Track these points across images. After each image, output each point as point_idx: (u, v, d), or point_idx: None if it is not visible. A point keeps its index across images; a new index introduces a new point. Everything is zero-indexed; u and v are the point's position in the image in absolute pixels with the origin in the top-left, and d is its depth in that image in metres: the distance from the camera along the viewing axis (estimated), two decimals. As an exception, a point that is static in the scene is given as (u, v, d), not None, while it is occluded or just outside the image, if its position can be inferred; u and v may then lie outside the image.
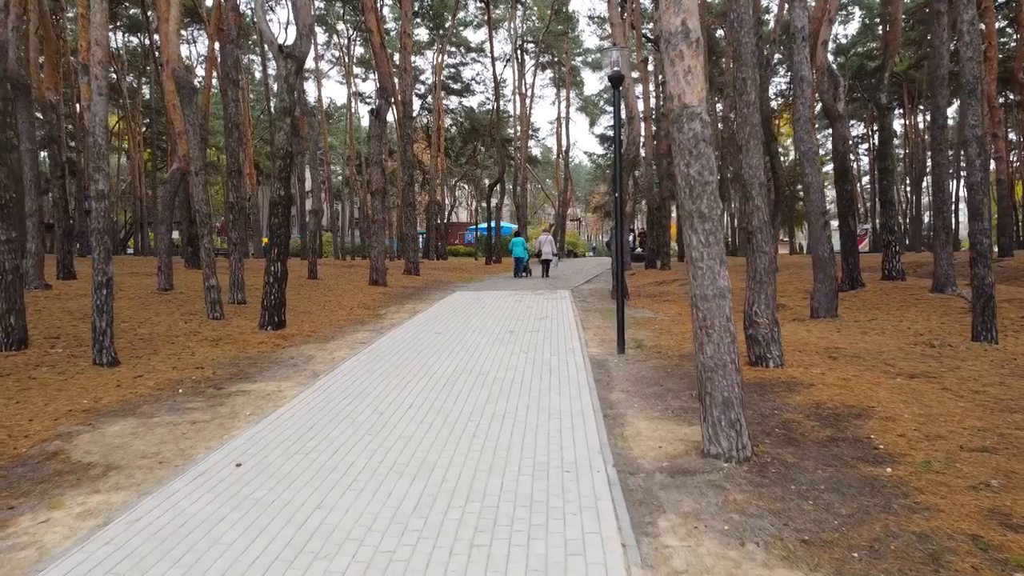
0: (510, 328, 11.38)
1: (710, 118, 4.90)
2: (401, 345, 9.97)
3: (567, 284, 20.71)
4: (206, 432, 5.89)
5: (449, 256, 52.03)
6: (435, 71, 47.73)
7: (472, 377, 7.80)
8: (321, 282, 18.98)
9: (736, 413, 4.86)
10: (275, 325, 11.11)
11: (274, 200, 11.12)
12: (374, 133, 17.75)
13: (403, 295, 17.19)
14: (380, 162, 17.74)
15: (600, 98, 53.75)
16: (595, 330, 11.36)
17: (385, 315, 13.74)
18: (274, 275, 11.10)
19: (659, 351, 9.19)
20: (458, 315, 13.28)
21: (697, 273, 4.96)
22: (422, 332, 11.17)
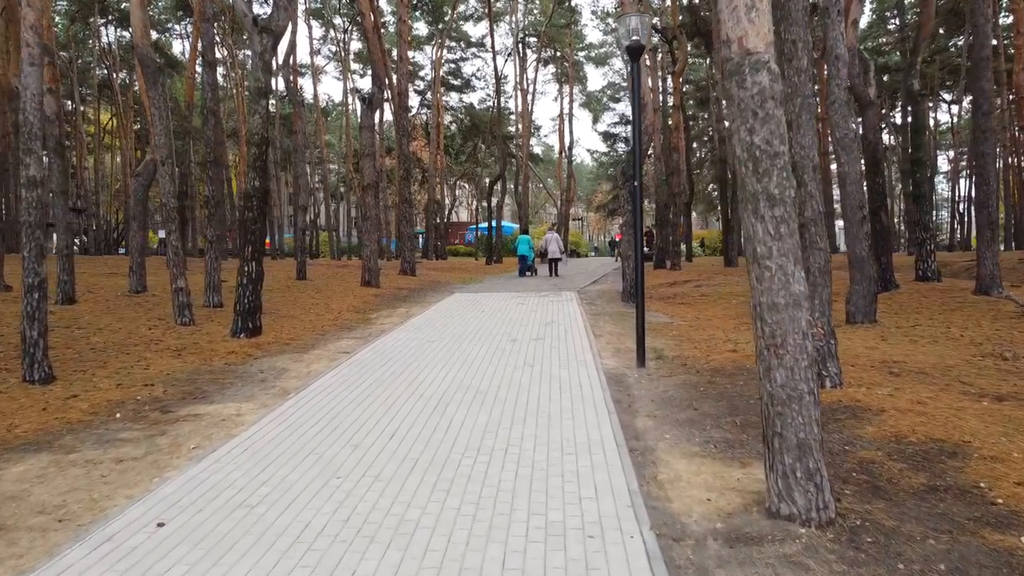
0: (512, 336, 10.17)
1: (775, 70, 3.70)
2: (389, 356, 8.77)
3: (572, 285, 19.51)
4: (132, 474, 4.69)
5: (449, 256, 50.87)
6: (434, 66, 46.58)
7: (469, 396, 6.59)
8: (310, 283, 17.79)
9: (815, 461, 3.66)
10: (249, 332, 9.92)
11: (248, 192, 9.93)
12: (365, 123, 16.58)
13: (397, 297, 15.98)
14: (373, 154, 16.55)
15: (604, 94, 52.60)
16: (608, 337, 10.16)
17: (375, 320, 12.54)
18: (248, 276, 9.91)
19: (684, 364, 7.98)
20: (455, 320, 12.08)
21: (763, 275, 3.75)
22: (414, 340, 9.97)
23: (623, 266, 14.57)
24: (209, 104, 12.10)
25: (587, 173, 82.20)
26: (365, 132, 16.57)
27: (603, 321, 11.96)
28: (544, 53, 46.36)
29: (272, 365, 8.30)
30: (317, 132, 42.42)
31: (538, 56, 44.86)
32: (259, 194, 9.90)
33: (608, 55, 49.74)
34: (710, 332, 10.69)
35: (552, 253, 23.32)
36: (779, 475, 3.72)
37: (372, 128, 16.83)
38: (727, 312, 12.89)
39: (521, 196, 37.13)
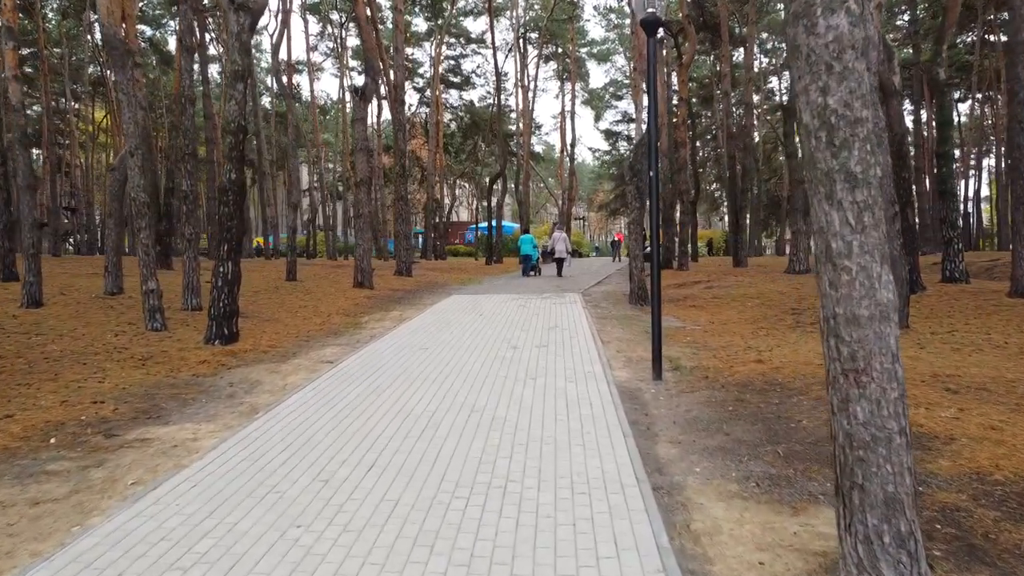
0: (513, 343, 9.31)
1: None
2: (375, 366, 7.91)
3: (576, 286, 18.65)
4: (48, 520, 3.84)
5: (449, 256, 50.04)
6: (433, 63, 45.73)
7: (463, 417, 5.73)
8: (300, 284, 16.94)
9: (908, 522, 2.80)
10: (224, 339, 9.06)
11: (223, 185, 9.07)
12: (358, 115, 15.71)
13: (391, 299, 15.13)
14: (366, 149, 15.69)
15: (606, 92, 51.74)
16: (617, 344, 9.30)
17: (365, 324, 11.69)
18: (223, 277, 9.05)
19: (706, 376, 7.12)
20: (451, 324, 11.22)
21: (839, 279, 2.89)
22: (405, 347, 9.11)
23: (630, 266, 13.71)
24: (186, 92, 11.23)
25: (588, 172, 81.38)
26: (358, 125, 15.70)
27: (610, 325, 11.11)
28: (545, 49, 45.51)
29: (245, 377, 7.44)
30: (314, 130, 41.57)
31: (539, 52, 44.01)
32: (235, 188, 9.05)
33: (610, 51, 48.88)
34: (728, 338, 9.83)
35: (559, 253, 22.88)
36: (859, 538, 2.86)
37: (365, 121, 15.97)
38: (743, 315, 12.03)
39: (522, 195, 36.28)
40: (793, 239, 18.01)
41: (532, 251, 23.55)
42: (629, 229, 13.55)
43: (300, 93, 47.23)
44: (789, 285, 15.28)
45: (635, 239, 13.55)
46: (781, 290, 14.36)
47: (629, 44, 47.56)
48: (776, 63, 49.52)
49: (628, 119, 52.73)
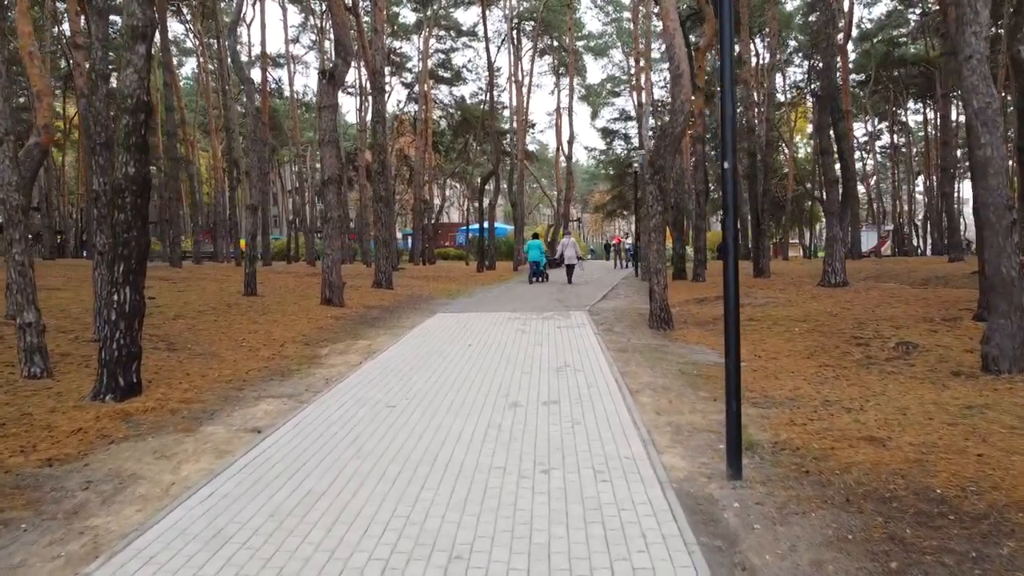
0: (512, 397, 6.93)
1: None
2: (318, 442, 5.52)
3: (580, 300, 16.31)
4: None
5: (439, 259, 47.69)
6: (422, 57, 43.34)
7: (435, 563, 3.35)
8: (258, 301, 14.50)
9: None
10: (120, 392, 6.66)
11: (117, 183, 6.65)
12: (326, 103, 13.30)
13: (363, 321, 12.73)
14: (334, 140, 13.27)
15: (603, 88, 49.45)
16: (651, 396, 6.94)
17: (324, 359, 9.30)
18: (118, 309, 6.65)
19: (804, 469, 4.75)
20: (432, 361, 8.84)
21: None
22: (366, 402, 6.73)
23: (651, 282, 11.36)
24: (97, 65, 8.83)
25: (582, 172, 79.07)
26: (326, 114, 13.29)
27: (635, 363, 8.75)
28: (540, 43, 43.16)
29: (119, 467, 5.03)
30: (294, 127, 39.06)
31: (534, 45, 41.64)
32: (134, 186, 6.64)
33: (608, 45, 46.56)
34: (790, 383, 7.52)
35: (568, 259, 22.47)
36: None
37: (335, 109, 13.57)
38: (794, 346, 9.70)
39: (516, 195, 33.94)
40: (828, 247, 15.71)
41: (540, 257, 23.04)
42: (649, 238, 11.19)
43: (281, 88, 44.74)
44: (833, 303, 12.97)
45: (656, 250, 11.20)
46: (828, 310, 12.04)
47: (627, 37, 45.33)
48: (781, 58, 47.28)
49: (626, 117, 50.49)
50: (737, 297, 4.60)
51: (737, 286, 4.60)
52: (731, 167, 4.54)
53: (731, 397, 4.56)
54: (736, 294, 4.58)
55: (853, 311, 11.72)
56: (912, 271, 22.76)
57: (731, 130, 4.56)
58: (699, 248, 19.57)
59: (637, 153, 25.80)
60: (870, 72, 45.42)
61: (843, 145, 15.50)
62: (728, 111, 4.57)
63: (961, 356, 8.35)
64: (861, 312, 11.57)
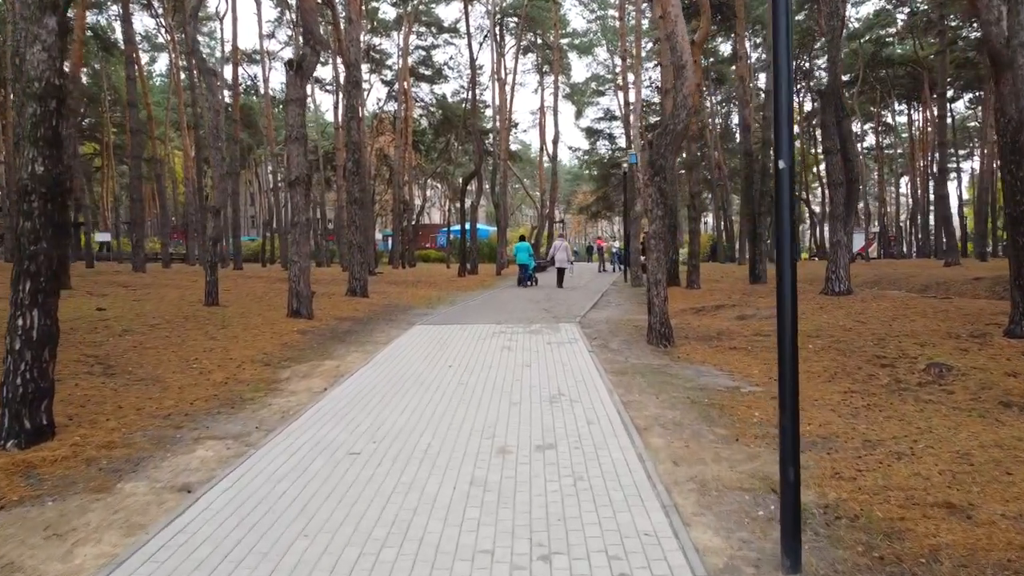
0: (499, 439, 5.85)
1: None
2: (259, 504, 4.42)
3: (569, 309, 15.27)
4: None
5: (419, 262, 46.54)
6: (402, 54, 42.16)
7: None
8: (220, 311, 13.31)
9: None
10: (26, 438, 5.51)
11: (24, 186, 5.51)
12: (294, 96, 12.13)
13: (333, 336, 11.60)
14: (302, 137, 12.10)
15: (587, 87, 48.50)
16: (664, 437, 5.91)
17: (283, 384, 8.18)
18: (23, 336, 5.50)
19: (869, 540, 3.73)
20: (405, 388, 7.75)
21: None
22: (326, 447, 5.63)
23: (649, 294, 10.34)
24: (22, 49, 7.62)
25: (566, 173, 78.18)
26: (293, 108, 12.13)
27: (637, 389, 7.71)
28: (524, 40, 42.12)
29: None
30: (268, 125, 37.69)
31: (517, 42, 40.58)
32: (44, 187, 5.50)
33: (593, 43, 45.63)
34: (818, 415, 6.54)
35: (559, 262, 22.02)
36: None
37: (303, 103, 12.43)
38: (810, 366, 8.71)
39: (499, 196, 32.87)
40: (832, 252, 14.78)
41: (528, 260, 22.75)
42: (649, 244, 10.18)
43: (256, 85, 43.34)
44: (844, 315, 12.03)
45: (657, 258, 10.18)
46: (840, 323, 11.09)
47: (612, 35, 44.41)
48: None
49: (611, 116, 49.62)
50: (795, 332, 3.54)
51: (795, 318, 3.54)
52: (788, 167, 3.50)
53: (787, 463, 3.52)
54: (794, 329, 3.52)
55: (869, 325, 10.77)
56: (911, 276, 21.98)
57: (787, 122, 3.52)
58: (693, 253, 18.61)
59: (628, 153, 24.83)
60: (857, 72, 44.83)
61: (847, 145, 14.57)
62: (783, 98, 3.54)
63: (1005, 381, 7.40)
64: (878, 326, 10.63)
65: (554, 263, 22.70)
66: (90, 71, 46.69)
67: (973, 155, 64.83)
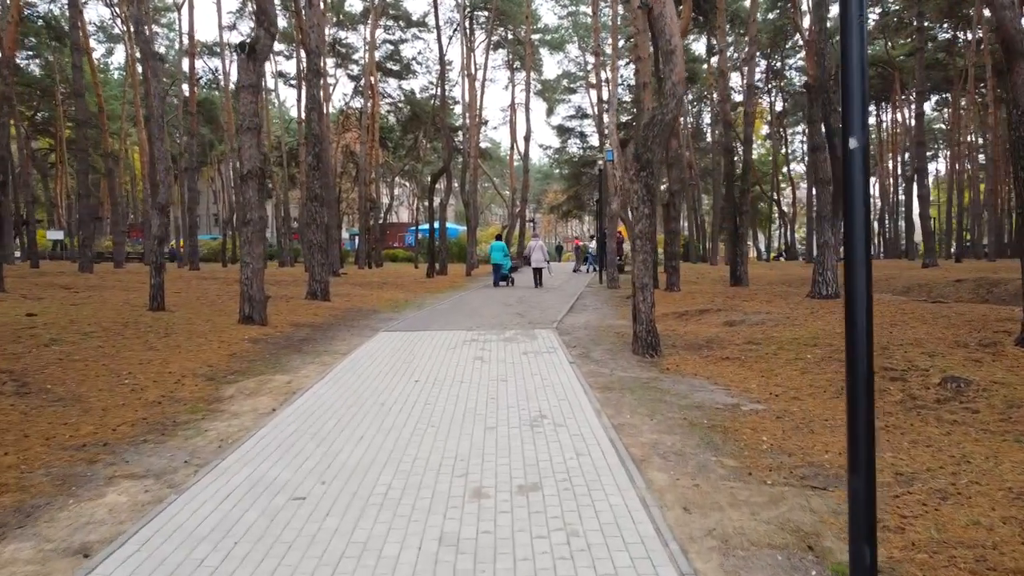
0: (474, 479, 4.93)
1: None
2: (171, 571, 3.46)
3: (544, 314, 14.40)
4: None
5: (386, 261, 45.38)
6: (369, 48, 40.95)
7: None
8: (166, 317, 12.17)
9: None
10: None
11: None
12: (246, 82, 11.03)
13: (287, 344, 10.57)
14: (255, 127, 11.01)
15: (559, 84, 47.75)
16: (665, 469, 5.06)
17: (226, 404, 7.18)
18: None
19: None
20: (365, 409, 6.79)
21: None
22: (264, 488, 4.67)
23: (635, 299, 9.51)
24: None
25: (536, 172, 77.37)
26: (245, 95, 11.04)
27: (628, 408, 6.86)
28: (495, 35, 41.18)
29: None
30: (228, 120, 36.23)
31: (488, 37, 39.64)
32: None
33: (564, 40, 44.86)
34: (835, 440, 5.79)
35: (536, 262, 21.82)
36: None
37: (257, 90, 11.33)
38: (813, 378, 7.96)
39: (469, 194, 31.90)
40: (820, 254, 14.12)
41: (503, 260, 22.48)
42: (635, 246, 9.35)
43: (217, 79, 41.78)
44: (839, 320, 11.32)
45: (643, 260, 9.34)
46: (837, 330, 10.37)
47: (584, 31, 43.70)
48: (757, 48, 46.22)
49: (582, 114, 48.95)
50: (870, 365, 2.69)
51: (870, 346, 2.70)
52: (860, 146, 2.67)
53: (860, 539, 2.68)
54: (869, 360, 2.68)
55: (867, 332, 10.05)
56: (890, 278, 21.54)
57: (859, 92, 2.68)
58: (672, 255, 17.87)
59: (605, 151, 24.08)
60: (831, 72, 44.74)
61: (836, 141, 13.92)
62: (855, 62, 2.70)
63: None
64: (878, 333, 9.90)
65: (529, 263, 22.50)
66: (42, 62, 44.71)
67: (937, 157, 65.48)
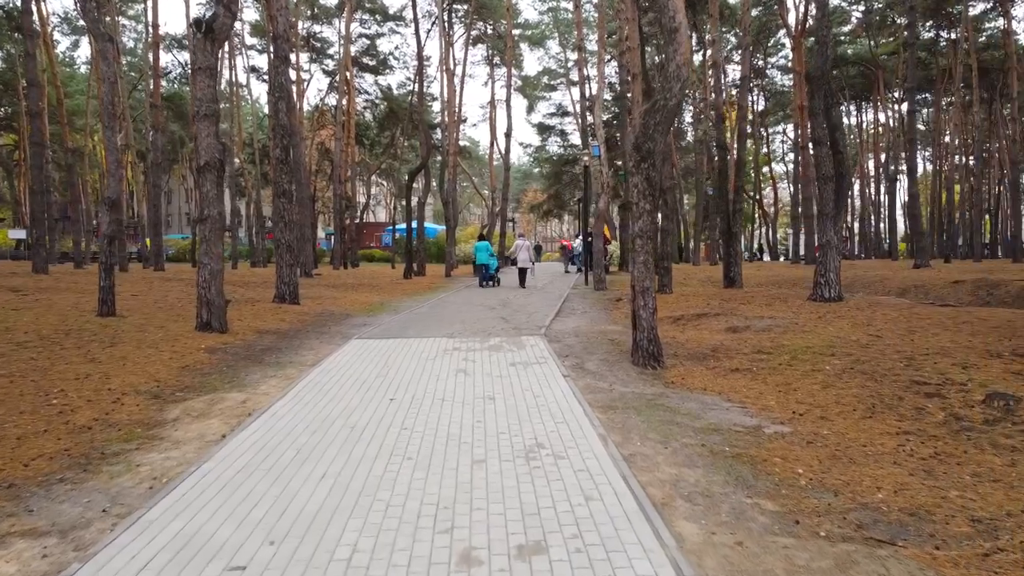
0: (461, 536, 3.95)
1: None
2: None
3: (530, 318, 13.45)
4: None
5: (363, 262, 44.22)
6: (344, 42, 39.73)
7: None
8: (115, 323, 11.03)
9: None
10: None
11: None
12: (202, 63, 9.92)
13: (247, 354, 9.51)
14: (213, 114, 9.91)
15: (539, 81, 46.86)
16: (693, 516, 4.14)
17: (169, 429, 6.13)
18: None
19: None
20: (331, 436, 5.78)
21: None
22: (196, 552, 3.66)
23: (634, 304, 8.59)
24: None
25: (515, 172, 76.49)
26: (201, 78, 9.94)
27: (637, 433, 5.93)
28: (474, 29, 40.16)
29: None
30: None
31: (467, 31, 38.60)
32: None
33: (545, 35, 43.96)
34: (883, 472, 4.97)
35: (521, 262, 21.68)
36: None
37: (213, 72, 10.24)
38: (838, 394, 7.09)
39: (448, 192, 30.86)
40: (822, 254, 13.31)
41: (489, 260, 22.23)
42: (634, 245, 8.44)
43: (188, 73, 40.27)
44: (849, 325, 10.51)
45: (644, 261, 8.43)
46: (852, 336, 9.54)
47: (565, 27, 42.86)
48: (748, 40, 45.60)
49: (563, 112, 48.11)
50: None
51: None
52: None
53: None
54: None
55: (886, 339, 9.24)
56: (884, 279, 20.89)
57: None
58: (664, 255, 16.99)
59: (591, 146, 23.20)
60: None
61: (837, 135, 13.12)
62: None
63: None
64: (897, 341, 9.10)
65: (516, 263, 22.30)
66: (3, 54, 42.92)
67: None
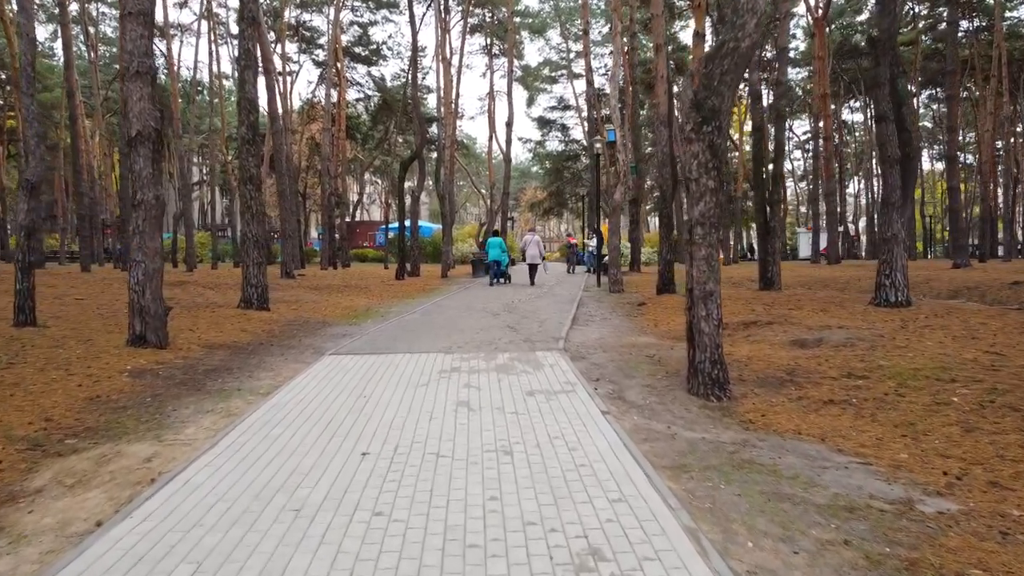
0: None
1: None
2: None
3: (542, 326, 11.35)
4: None
5: (355, 262, 42.09)
6: (334, 30, 37.64)
7: None
8: (31, 335, 8.88)
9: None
10: None
11: None
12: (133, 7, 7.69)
13: (185, 378, 7.37)
14: (148, 72, 7.69)
15: (539, 74, 44.79)
16: None
17: (21, 509, 3.99)
18: None
19: None
20: (264, 522, 3.64)
21: None
22: None
23: (693, 315, 6.48)
24: None
25: (513, 169, 74.44)
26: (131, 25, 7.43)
27: (739, 518, 3.82)
28: (472, 17, 38.07)
29: None
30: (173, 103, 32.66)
31: (464, 18, 36.49)
32: None
33: (546, 24, 41.90)
34: None
35: (531, 258, 21.36)
36: None
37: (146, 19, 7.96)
38: (994, 444, 5.01)
39: (445, 187, 28.75)
40: (887, 253, 11.21)
41: (501, 256, 21.21)
42: (694, 236, 6.33)
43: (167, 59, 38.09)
44: (948, 337, 8.41)
45: (707, 257, 6.33)
46: (966, 355, 7.45)
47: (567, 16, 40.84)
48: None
49: (564, 106, 46.07)
50: None
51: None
52: None
53: None
54: None
55: (1010, 357, 7.15)
56: (930, 280, 18.85)
57: None
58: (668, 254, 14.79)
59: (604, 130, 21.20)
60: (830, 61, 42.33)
61: (904, 111, 11.05)
62: None
63: None
64: (1019, 356, 7.02)
65: (524, 259, 21.87)
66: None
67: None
